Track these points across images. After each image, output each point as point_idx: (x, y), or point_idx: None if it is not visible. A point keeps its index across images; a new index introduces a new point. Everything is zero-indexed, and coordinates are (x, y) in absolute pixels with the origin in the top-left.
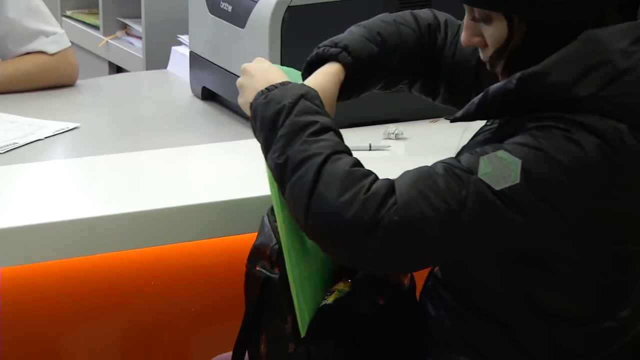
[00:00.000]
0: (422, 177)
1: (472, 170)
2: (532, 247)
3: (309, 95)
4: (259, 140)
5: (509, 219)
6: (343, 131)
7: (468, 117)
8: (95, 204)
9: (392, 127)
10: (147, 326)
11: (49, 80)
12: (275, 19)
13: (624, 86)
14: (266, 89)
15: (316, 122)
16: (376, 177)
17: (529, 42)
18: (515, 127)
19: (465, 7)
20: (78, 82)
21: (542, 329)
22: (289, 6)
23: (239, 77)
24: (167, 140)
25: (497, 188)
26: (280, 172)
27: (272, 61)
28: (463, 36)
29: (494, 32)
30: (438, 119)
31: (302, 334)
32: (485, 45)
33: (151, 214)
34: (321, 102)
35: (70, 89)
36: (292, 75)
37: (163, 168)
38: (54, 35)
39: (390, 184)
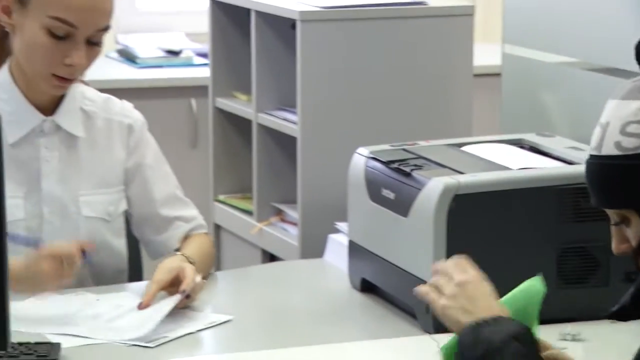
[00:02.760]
0: None
1: None
2: None
3: (522, 337)
4: None
5: None
6: None
7: (627, 311)
8: None
9: (568, 327)
10: None
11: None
12: (441, 208)
13: None
14: (476, 323)
15: None
16: None
17: None
18: None
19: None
20: (230, 271)
21: None
22: (455, 194)
23: (400, 269)
24: (323, 335)
25: None
26: None
27: (436, 253)
28: (612, 245)
29: (634, 232)
30: None
31: None
32: (633, 250)
33: None
34: (535, 344)
35: (221, 278)
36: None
37: None
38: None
39: None
